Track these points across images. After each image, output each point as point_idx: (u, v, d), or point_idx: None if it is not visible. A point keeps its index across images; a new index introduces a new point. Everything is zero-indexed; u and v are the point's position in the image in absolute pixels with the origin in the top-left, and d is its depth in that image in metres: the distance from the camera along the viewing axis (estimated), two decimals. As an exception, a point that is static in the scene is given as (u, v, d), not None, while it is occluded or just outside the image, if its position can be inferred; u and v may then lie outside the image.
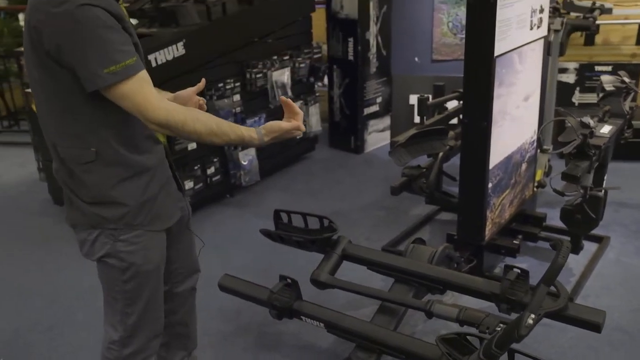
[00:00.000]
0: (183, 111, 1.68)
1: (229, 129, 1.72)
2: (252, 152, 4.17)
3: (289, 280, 2.42)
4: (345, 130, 5.05)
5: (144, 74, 1.64)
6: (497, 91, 2.65)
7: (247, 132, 1.75)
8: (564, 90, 4.81)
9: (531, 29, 2.88)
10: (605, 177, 3.16)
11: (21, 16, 7.49)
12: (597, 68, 4.84)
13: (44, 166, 4.19)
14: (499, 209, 3.01)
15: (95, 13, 1.55)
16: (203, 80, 2.05)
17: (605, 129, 2.92)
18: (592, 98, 4.84)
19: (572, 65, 4.86)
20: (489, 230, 2.93)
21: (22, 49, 1.82)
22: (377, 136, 5.15)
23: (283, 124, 1.79)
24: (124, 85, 1.60)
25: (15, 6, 7.23)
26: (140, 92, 1.62)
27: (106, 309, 1.95)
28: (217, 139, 1.71)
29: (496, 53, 2.55)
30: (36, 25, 1.60)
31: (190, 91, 2.02)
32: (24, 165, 4.96)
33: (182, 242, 2.11)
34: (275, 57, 4.29)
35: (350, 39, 4.77)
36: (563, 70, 4.80)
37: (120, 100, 1.63)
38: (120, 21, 1.62)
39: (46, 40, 1.59)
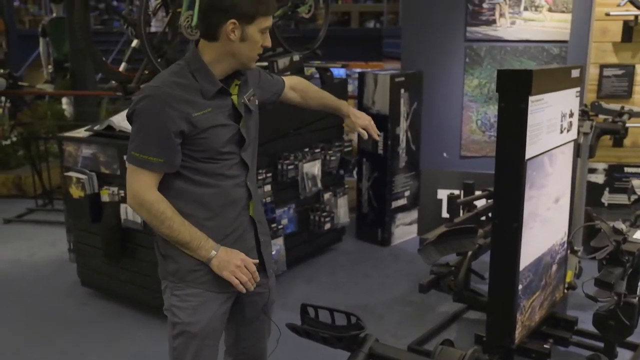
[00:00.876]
0: (154, 213, 1.92)
1: (187, 241, 1.94)
2: (279, 241, 4.19)
3: (314, 378, 2.37)
4: (372, 223, 5.07)
5: (152, 175, 1.92)
6: (528, 193, 2.67)
7: (203, 244, 1.95)
8: (593, 191, 4.80)
9: (561, 132, 2.93)
10: (639, 284, 3.10)
11: (64, 100, 7.84)
12: (627, 169, 4.85)
13: (74, 247, 4.25)
14: (529, 311, 2.96)
15: (150, 108, 1.88)
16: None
17: (638, 235, 2.89)
18: (622, 199, 4.83)
19: (601, 166, 4.87)
20: (518, 333, 2.86)
21: (65, 134, 2.27)
22: (405, 229, 5.15)
23: (241, 258, 1.97)
24: (131, 167, 1.93)
25: (59, 91, 7.58)
26: (136, 181, 1.92)
27: None
28: (172, 241, 1.96)
29: (527, 156, 2.59)
30: None
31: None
32: (56, 245, 5.04)
33: (254, 324, 2.22)
34: (306, 150, 4.39)
35: (381, 134, 4.87)
36: (592, 171, 4.81)
37: (127, 174, 1.96)
38: (185, 116, 1.88)
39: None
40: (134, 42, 3.77)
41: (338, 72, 6.55)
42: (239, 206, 2.04)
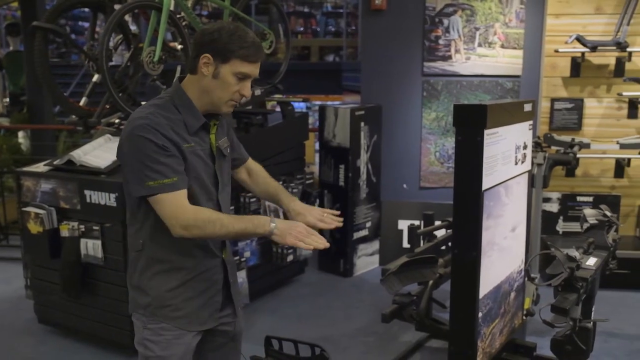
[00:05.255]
0: (202, 224, 1.89)
1: (244, 228, 1.93)
2: (242, 274, 4.19)
3: (279, 411, 2.38)
4: (334, 254, 5.09)
5: (177, 194, 1.90)
6: (486, 223, 2.74)
7: (258, 221, 1.95)
8: (548, 219, 4.95)
9: (516, 164, 3.03)
10: (593, 308, 3.19)
11: (20, 134, 7.72)
12: (579, 198, 5.02)
13: (31, 284, 4.16)
14: (490, 338, 3.01)
15: (144, 135, 1.87)
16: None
17: (591, 261, 2.99)
18: (575, 227, 4.97)
19: (555, 195, 5.03)
20: (480, 360, 2.91)
21: (23, 168, 2.23)
22: (366, 260, 5.20)
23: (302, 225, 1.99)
24: (155, 198, 1.90)
25: (15, 125, 7.47)
26: (167, 207, 1.89)
27: None
28: (233, 237, 1.99)
29: (484, 187, 2.67)
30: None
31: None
32: (10, 282, 4.90)
33: (224, 350, 2.22)
34: (268, 182, 4.41)
35: (342, 166, 4.95)
36: (547, 200, 4.96)
37: (155, 208, 1.92)
38: (176, 144, 1.90)
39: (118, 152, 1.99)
40: (95, 77, 3.77)
41: (298, 105, 6.64)
42: (213, 248, 2.06)
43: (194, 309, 2.04)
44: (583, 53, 4.84)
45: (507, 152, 2.89)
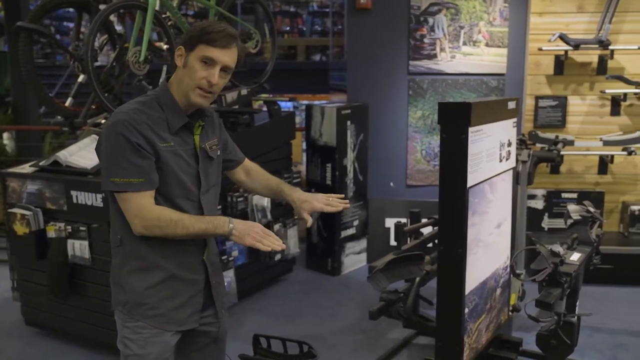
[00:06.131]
0: (164, 224, 1.91)
1: (204, 229, 1.96)
2: (230, 273, 4.19)
3: (268, 408, 2.39)
4: (322, 253, 5.12)
5: (142, 194, 1.92)
6: (471, 220, 2.77)
7: (218, 222, 1.97)
8: (534, 216, 4.99)
9: (500, 161, 3.06)
10: (577, 303, 3.23)
11: (6, 135, 7.67)
12: (564, 195, 5.07)
13: (18, 285, 4.14)
14: (476, 334, 3.04)
15: (121, 131, 1.89)
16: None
17: (575, 257, 3.03)
18: (560, 223, 5.03)
19: (540, 192, 5.08)
20: (466, 355, 2.94)
21: (9, 169, 2.21)
22: (354, 258, 5.22)
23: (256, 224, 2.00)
24: (121, 195, 1.93)
25: (0, 126, 7.42)
26: (130, 205, 1.92)
27: None
28: (194, 237, 1.99)
29: (469, 184, 2.69)
30: None
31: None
32: (-4, 284, 4.88)
33: (205, 352, 2.22)
34: (256, 181, 4.42)
35: (329, 165, 4.97)
36: (532, 197, 5.01)
37: (120, 205, 1.95)
38: (152, 143, 1.92)
39: (97, 145, 2.03)
40: (81, 77, 3.76)
41: (285, 104, 6.65)
42: (193, 247, 2.06)
43: (171, 309, 2.03)
44: (566, 51, 4.89)
45: (491, 149, 2.92)
